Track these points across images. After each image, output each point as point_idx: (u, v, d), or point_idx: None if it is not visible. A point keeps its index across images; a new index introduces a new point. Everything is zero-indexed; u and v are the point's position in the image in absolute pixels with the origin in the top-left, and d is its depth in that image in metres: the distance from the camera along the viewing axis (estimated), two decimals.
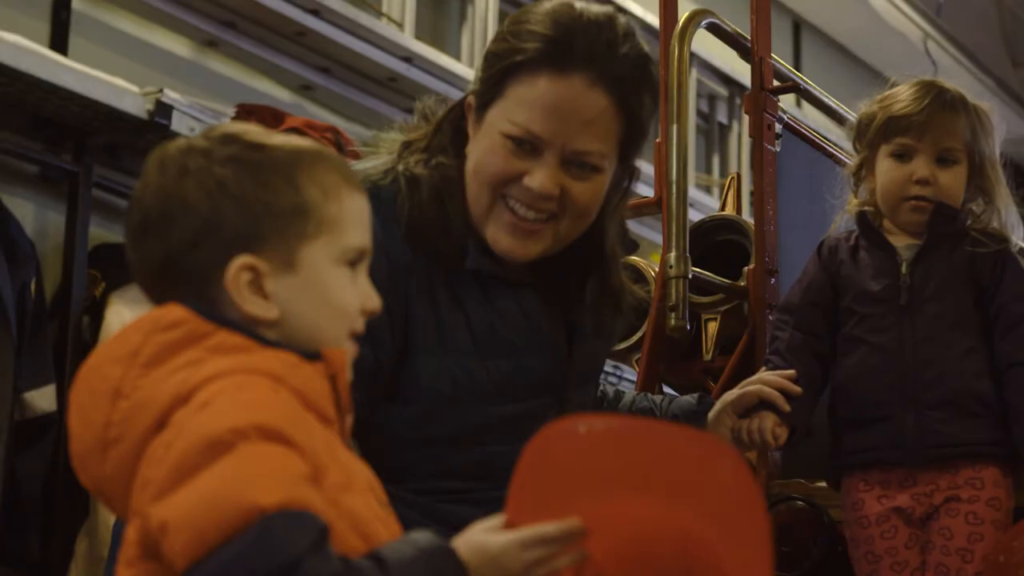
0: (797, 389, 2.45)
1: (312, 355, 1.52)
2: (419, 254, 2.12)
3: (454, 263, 2.13)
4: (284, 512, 1.34)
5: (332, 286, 1.55)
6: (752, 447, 2.45)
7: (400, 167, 2.17)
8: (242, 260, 1.51)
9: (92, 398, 1.49)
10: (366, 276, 1.60)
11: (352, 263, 1.58)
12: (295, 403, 1.46)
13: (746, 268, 3.04)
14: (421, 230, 2.12)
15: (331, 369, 1.53)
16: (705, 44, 4.08)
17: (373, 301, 1.60)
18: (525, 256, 2.14)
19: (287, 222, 1.53)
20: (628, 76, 2.10)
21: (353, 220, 1.58)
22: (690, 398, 2.49)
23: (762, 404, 2.42)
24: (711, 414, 2.43)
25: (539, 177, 2.06)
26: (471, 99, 2.17)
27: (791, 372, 2.47)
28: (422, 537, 1.47)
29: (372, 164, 2.19)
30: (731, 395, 2.44)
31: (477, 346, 2.13)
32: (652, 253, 4.36)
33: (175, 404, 1.44)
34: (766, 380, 2.45)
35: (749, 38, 3.17)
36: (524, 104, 2.06)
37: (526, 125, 2.06)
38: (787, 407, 2.42)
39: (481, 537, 1.50)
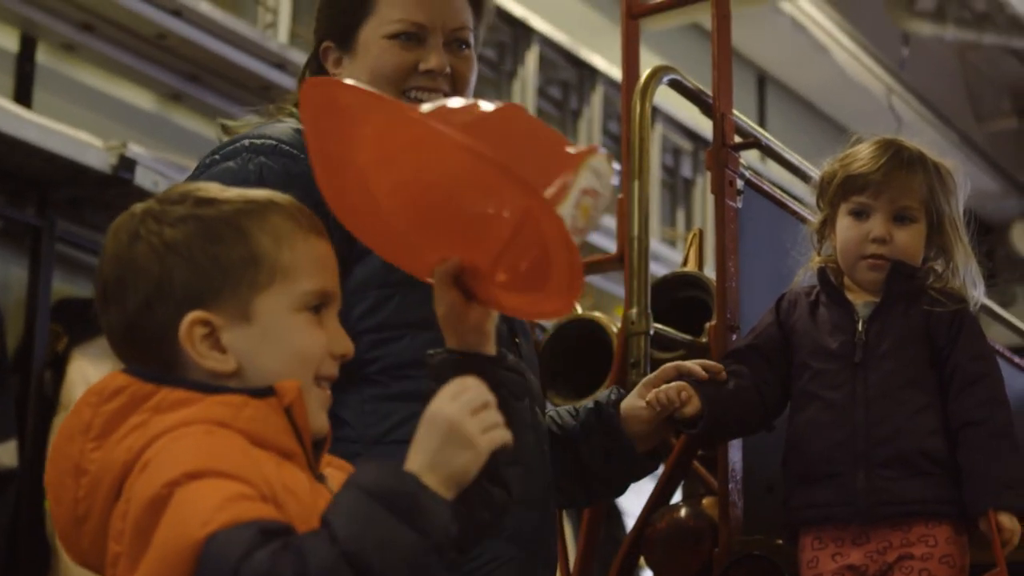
0: (718, 366, 2.51)
1: (262, 391, 1.52)
2: None
3: None
4: (217, 533, 1.35)
5: (291, 333, 1.56)
6: (661, 413, 2.44)
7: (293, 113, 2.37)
8: (193, 316, 1.52)
9: (60, 478, 1.52)
10: (335, 319, 1.61)
11: (315, 308, 1.58)
12: (236, 442, 1.46)
13: (708, 324, 3.05)
14: None
15: (284, 401, 1.53)
16: (670, 99, 4.10)
17: (343, 344, 1.60)
18: None
19: (238, 274, 1.54)
20: None
21: (310, 264, 1.58)
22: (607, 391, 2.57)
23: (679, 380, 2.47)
24: (628, 396, 2.50)
25: (433, 59, 2.37)
26: (326, 44, 2.43)
27: (718, 365, 2.51)
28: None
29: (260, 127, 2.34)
30: (649, 376, 2.52)
31: None
32: (616, 307, 4.37)
33: (125, 472, 1.46)
34: (684, 363, 2.50)
35: (711, 94, 3.17)
36: (398, 4, 2.38)
37: (409, 18, 2.37)
38: (703, 374, 2.46)
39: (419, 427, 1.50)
